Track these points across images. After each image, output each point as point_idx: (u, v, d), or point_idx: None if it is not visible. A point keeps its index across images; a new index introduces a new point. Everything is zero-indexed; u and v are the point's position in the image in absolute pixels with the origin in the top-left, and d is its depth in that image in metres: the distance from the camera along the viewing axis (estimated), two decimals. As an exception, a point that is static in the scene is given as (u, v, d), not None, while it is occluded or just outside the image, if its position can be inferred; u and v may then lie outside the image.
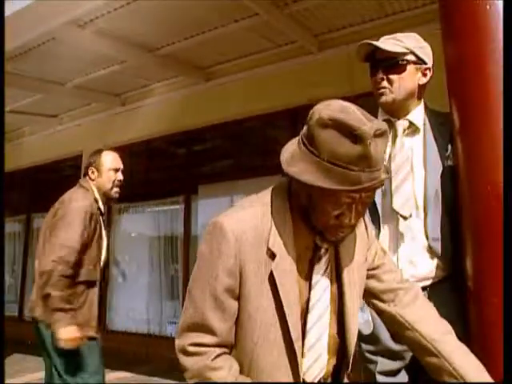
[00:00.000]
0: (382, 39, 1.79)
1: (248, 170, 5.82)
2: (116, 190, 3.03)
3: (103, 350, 2.75)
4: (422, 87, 1.80)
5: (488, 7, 1.59)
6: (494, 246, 1.51)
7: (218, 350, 1.16)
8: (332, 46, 4.91)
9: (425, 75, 1.78)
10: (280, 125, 5.75)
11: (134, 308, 6.58)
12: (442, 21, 1.77)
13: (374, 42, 1.74)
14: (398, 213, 1.73)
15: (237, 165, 6.06)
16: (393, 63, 1.74)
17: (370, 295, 1.38)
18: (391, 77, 1.75)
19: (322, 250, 1.22)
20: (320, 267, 1.23)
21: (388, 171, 1.13)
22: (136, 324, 6.47)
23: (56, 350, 2.63)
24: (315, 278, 1.22)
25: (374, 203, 1.75)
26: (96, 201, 2.89)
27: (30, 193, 8.18)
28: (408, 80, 1.75)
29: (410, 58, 1.74)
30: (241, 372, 1.18)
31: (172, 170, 6.82)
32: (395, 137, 1.80)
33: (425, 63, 1.77)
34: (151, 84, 6.33)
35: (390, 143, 1.78)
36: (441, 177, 1.73)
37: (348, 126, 1.03)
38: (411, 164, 1.76)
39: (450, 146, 1.75)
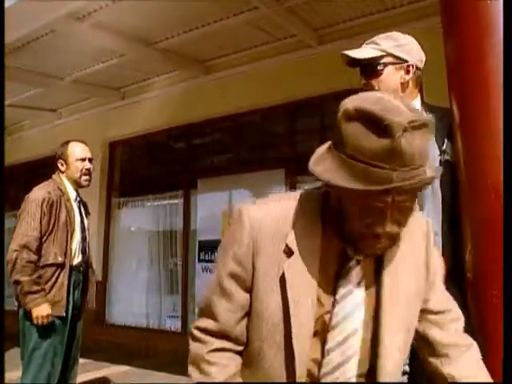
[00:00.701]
0: (365, 44, 1.84)
1: (247, 164, 5.83)
2: (85, 178, 3.20)
3: (102, 344, 2.79)
4: (405, 84, 1.82)
5: (489, 1, 1.58)
6: (494, 239, 1.51)
7: (218, 343, 1.11)
8: (331, 40, 4.89)
9: (408, 72, 1.80)
10: (279, 119, 5.75)
11: (134, 302, 6.60)
12: (442, 15, 1.77)
13: (347, 52, 1.80)
14: None
15: (236, 159, 6.06)
16: (370, 68, 1.80)
17: (424, 341, 1.20)
18: (371, 81, 1.81)
19: (353, 262, 1.07)
20: (348, 281, 1.07)
21: (436, 170, 1.00)
22: (135, 318, 6.49)
23: (23, 327, 2.93)
24: (341, 291, 1.07)
25: None
26: (60, 189, 3.08)
27: (29, 187, 8.16)
28: (388, 81, 1.79)
29: (387, 60, 1.78)
30: (247, 370, 1.12)
31: (171, 164, 6.82)
32: None
33: (405, 61, 1.79)
34: (150, 78, 6.32)
35: None
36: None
37: (374, 116, 0.90)
38: None
39: (446, 141, 1.77)
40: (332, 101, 5.21)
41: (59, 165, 3.19)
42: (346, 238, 1.04)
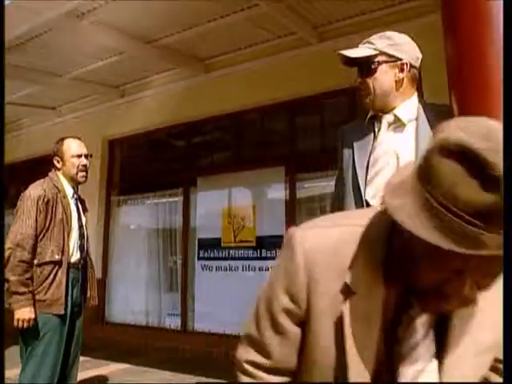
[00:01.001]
0: (361, 43, 1.88)
1: (247, 162, 5.83)
2: (81, 174, 3.18)
3: (102, 342, 2.79)
4: (400, 82, 1.83)
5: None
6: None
7: (274, 380, 1.02)
8: (332, 37, 4.89)
9: (402, 70, 1.82)
10: (279, 117, 5.74)
11: (133, 300, 6.60)
12: (442, 13, 1.77)
13: (343, 52, 1.83)
14: (368, 203, 1.79)
15: (236, 157, 6.06)
16: (366, 67, 1.84)
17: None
18: (366, 80, 1.85)
19: (415, 310, 0.89)
20: (412, 331, 0.90)
21: None
22: (135, 316, 6.49)
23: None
24: (404, 345, 0.90)
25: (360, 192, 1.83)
26: (56, 186, 3.06)
27: (29, 185, 8.14)
28: (382, 79, 1.82)
29: (381, 58, 1.81)
30: None
31: (171, 162, 6.82)
32: (379, 130, 1.87)
33: (399, 59, 1.81)
34: (150, 75, 6.31)
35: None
36: None
37: (480, 160, 0.70)
38: (395, 157, 1.79)
39: None
40: (332, 99, 5.21)
41: (55, 162, 3.17)
42: (410, 284, 0.87)
